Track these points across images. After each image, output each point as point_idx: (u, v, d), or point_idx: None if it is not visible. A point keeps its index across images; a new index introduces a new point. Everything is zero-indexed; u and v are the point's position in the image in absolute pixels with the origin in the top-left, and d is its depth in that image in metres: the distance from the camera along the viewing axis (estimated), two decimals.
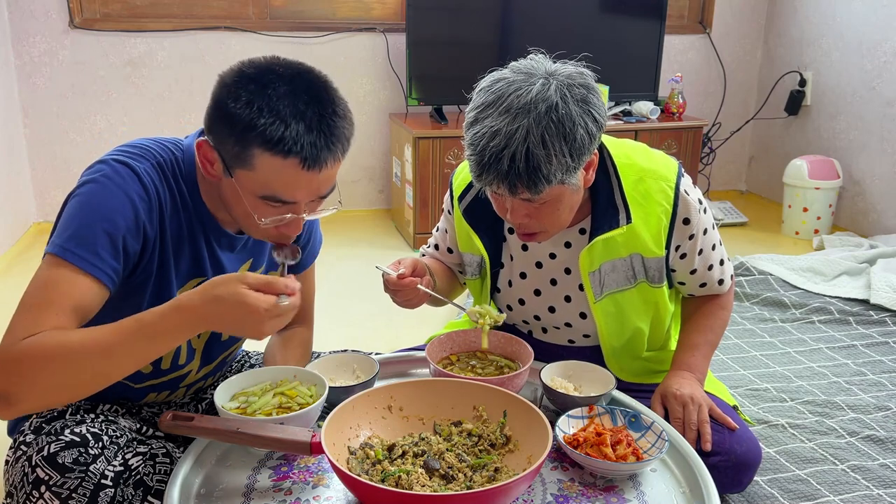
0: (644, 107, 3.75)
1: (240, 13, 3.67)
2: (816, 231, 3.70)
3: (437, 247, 1.59)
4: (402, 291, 1.34)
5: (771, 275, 2.93)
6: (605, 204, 1.33)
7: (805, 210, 3.70)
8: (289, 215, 1.13)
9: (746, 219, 3.96)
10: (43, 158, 3.60)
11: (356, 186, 4.07)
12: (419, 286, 1.33)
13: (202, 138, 1.13)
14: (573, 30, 3.71)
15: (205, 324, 1.02)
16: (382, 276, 1.34)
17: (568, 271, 1.42)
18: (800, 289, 2.83)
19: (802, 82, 4.04)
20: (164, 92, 3.65)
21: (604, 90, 3.62)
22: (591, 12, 3.75)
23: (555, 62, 1.23)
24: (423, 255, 1.62)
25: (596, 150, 1.25)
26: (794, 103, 4.08)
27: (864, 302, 2.69)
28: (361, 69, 3.86)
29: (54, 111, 3.55)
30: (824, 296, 2.76)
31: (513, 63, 1.23)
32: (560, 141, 1.15)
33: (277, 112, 1.04)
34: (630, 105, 3.83)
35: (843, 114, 3.83)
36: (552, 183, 1.17)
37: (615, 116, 3.77)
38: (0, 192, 3.20)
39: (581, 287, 1.41)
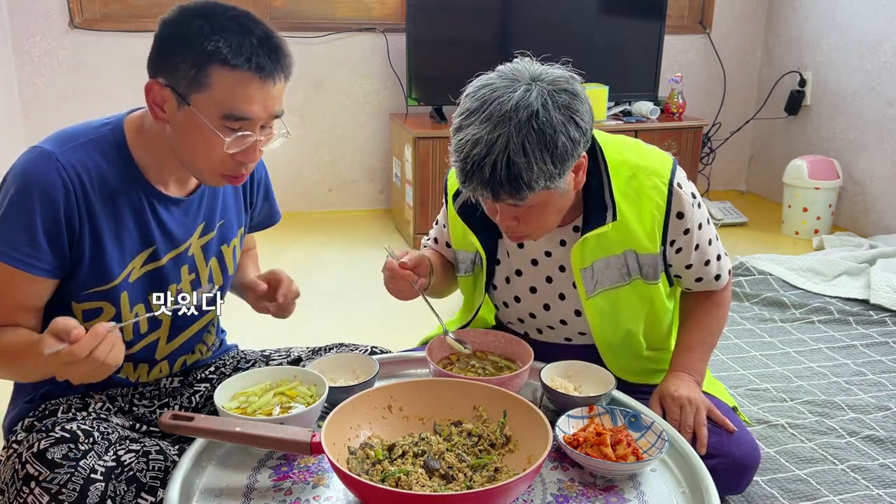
0: (644, 107, 3.76)
1: None
2: (816, 231, 3.70)
3: (436, 240, 1.61)
4: (395, 279, 1.36)
5: (771, 275, 2.93)
6: (596, 201, 1.34)
7: (805, 210, 3.70)
8: (247, 138, 1.17)
9: (746, 219, 3.97)
10: None
11: (356, 186, 4.07)
12: (413, 284, 1.35)
13: (151, 80, 1.17)
14: (573, 30, 3.72)
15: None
16: (387, 257, 1.37)
17: (562, 269, 1.42)
18: (800, 289, 2.83)
19: (802, 82, 4.04)
20: None
21: (604, 90, 3.62)
22: (591, 12, 3.75)
23: (542, 64, 1.22)
24: (425, 247, 1.63)
25: (584, 154, 1.24)
26: (794, 103, 4.08)
27: (864, 302, 2.69)
28: (361, 69, 3.86)
29: (54, 111, 3.55)
30: (824, 296, 2.76)
31: (500, 67, 1.22)
32: (541, 149, 1.15)
33: (231, 31, 1.13)
34: (630, 105, 3.83)
35: (843, 114, 3.83)
36: (535, 189, 1.17)
37: (615, 116, 3.77)
38: None
39: (575, 285, 1.41)
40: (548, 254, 1.42)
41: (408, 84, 3.58)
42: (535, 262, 1.44)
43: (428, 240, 1.63)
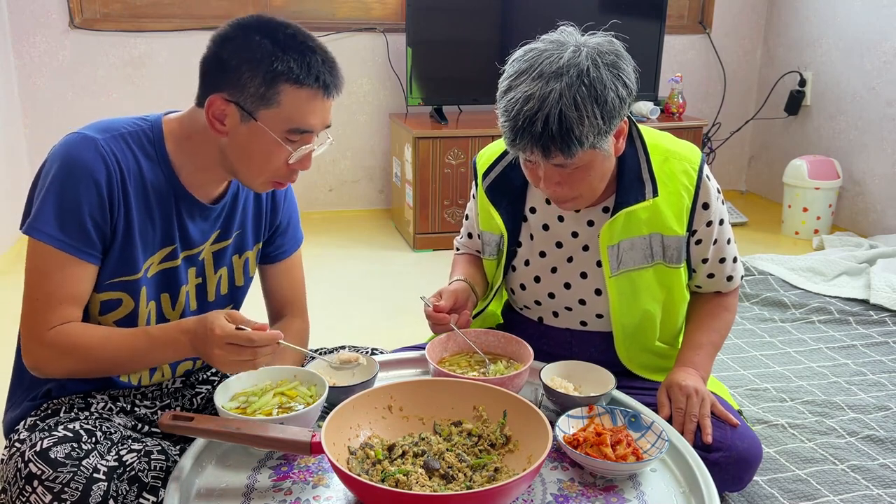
0: (644, 107, 3.75)
1: (240, 13, 3.65)
2: (816, 231, 3.70)
3: (469, 235, 1.63)
4: (437, 325, 1.41)
5: (771, 275, 2.93)
6: (632, 178, 1.36)
7: (805, 210, 3.70)
8: (304, 147, 1.22)
9: (746, 219, 3.96)
10: (43, 158, 3.60)
11: (356, 186, 4.07)
12: (451, 324, 1.39)
13: (213, 95, 1.18)
14: None
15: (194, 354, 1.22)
16: (424, 307, 1.41)
17: (586, 248, 1.44)
18: (800, 289, 2.83)
19: (802, 82, 4.04)
20: (165, 92, 3.65)
21: None
22: (591, 12, 3.75)
23: (583, 34, 1.28)
24: (458, 249, 1.66)
25: (626, 119, 1.28)
26: (794, 103, 4.08)
27: (864, 302, 2.69)
28: (361, 69, 3.86)
29: (54, 111, 3.55)
30: (824, 296, 2.76)
31: (544, 35, 1.27)
32: (592, 103, 1.19)
33: (294, 49, 1.16)
34: None
35: (843, 114, 3.83)
36: (584, 146, 1.21)
37: None
38: (0, 191, 3.20)
39: (598, 263, 1.43)
40: (574, 234, 1.44)
41: (408, 84, 3.58)
42: (559, 245, 1.46)
43: (461, 238, 1.66)
